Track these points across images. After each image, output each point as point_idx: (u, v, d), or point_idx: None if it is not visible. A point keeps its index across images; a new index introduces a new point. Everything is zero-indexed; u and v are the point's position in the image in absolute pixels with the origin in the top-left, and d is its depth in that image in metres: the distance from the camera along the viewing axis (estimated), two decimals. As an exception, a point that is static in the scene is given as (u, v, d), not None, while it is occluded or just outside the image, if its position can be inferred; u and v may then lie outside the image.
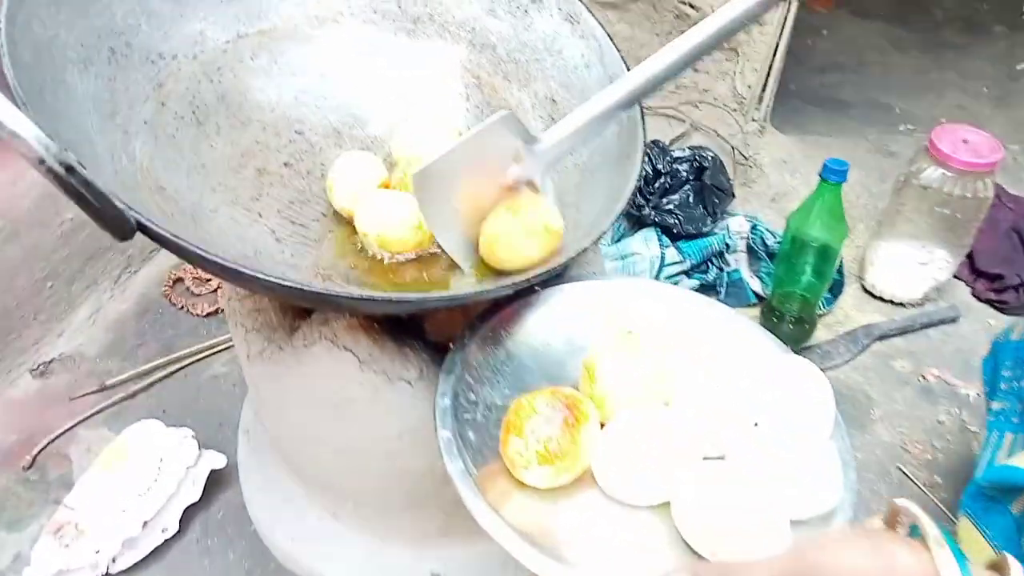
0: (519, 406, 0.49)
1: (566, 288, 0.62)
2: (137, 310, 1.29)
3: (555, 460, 0.48)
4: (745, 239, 1.35)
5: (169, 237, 0.41)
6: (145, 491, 0.96)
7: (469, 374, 0.56)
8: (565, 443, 0.48)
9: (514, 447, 0.48)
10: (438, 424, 0.51)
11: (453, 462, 0.48)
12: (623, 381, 0.52)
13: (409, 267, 0.64)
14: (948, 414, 1.15)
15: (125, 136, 0.55)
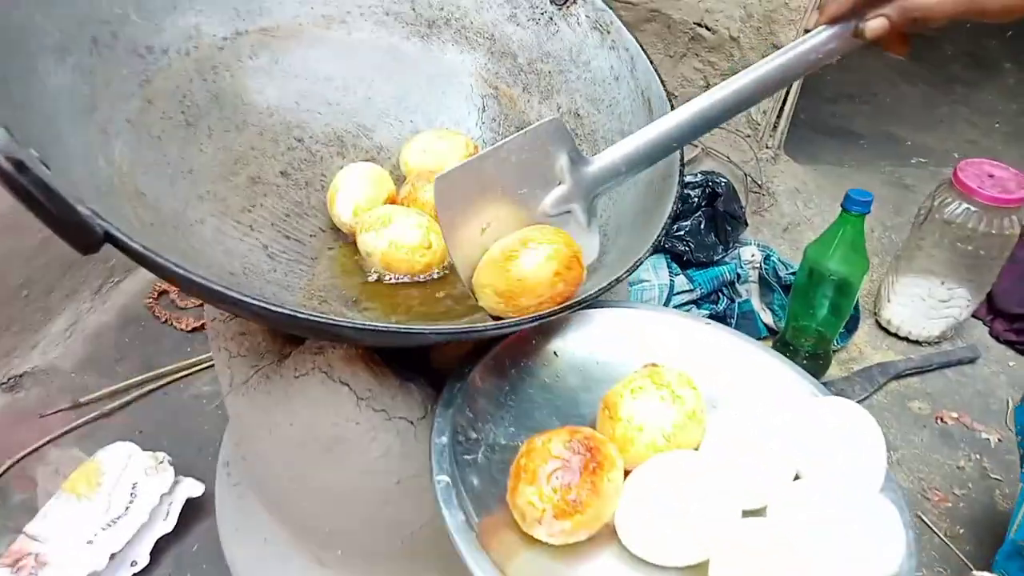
0: (532, 448, 0.43)
1: (580, 315, 0.56)
2: (118, 323, 1.23)
3: (574, 513, 0.41)
4: (757, 269, 1.31)
5: (141, 250, 0.35)
6: (115, 520, 0.89)
7: (470, 409, 0.50)
8: (586, 493, 0.42)
9: (525, 496, 0.42)
10: (434, 467, 0.45)
11: (452, 513, 0.42)
12: (649, 421, 0.46)
13: (415, 291, 0.58)
14: (968, 460, 1.10)
15: (103, 136, 0.49)
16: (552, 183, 0.50)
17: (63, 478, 0.95)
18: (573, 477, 0.41)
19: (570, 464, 0.42)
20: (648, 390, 0.47)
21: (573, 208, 0.51)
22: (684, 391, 0.47)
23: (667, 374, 0.48)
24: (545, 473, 0.41)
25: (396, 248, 0.56)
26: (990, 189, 1.08)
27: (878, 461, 0.45)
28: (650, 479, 0.44)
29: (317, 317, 0.37)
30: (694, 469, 0.44)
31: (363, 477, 0.54)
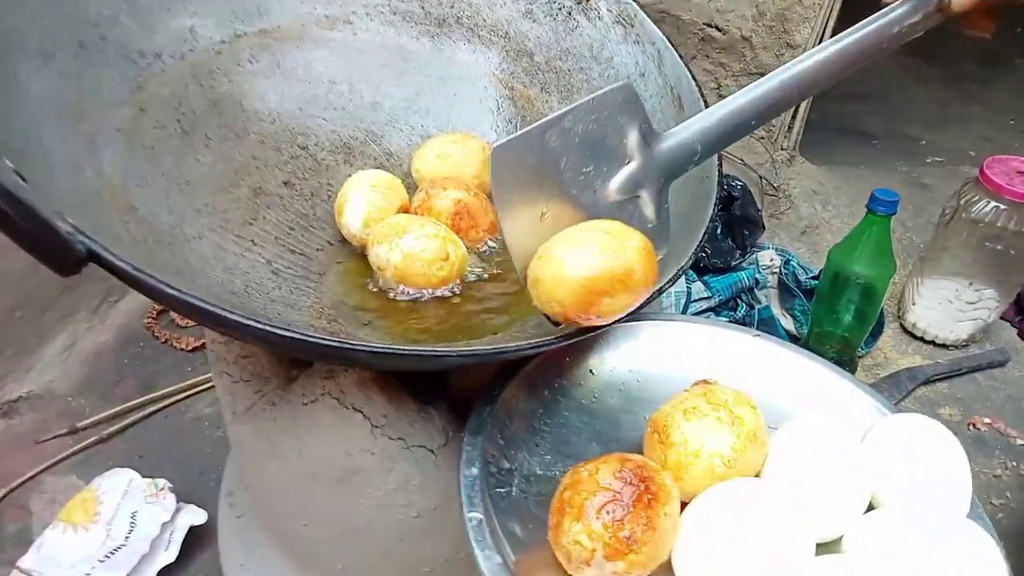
0: (577, 480, 0.38)
1: (614, 330, 0.52)
2: (116, 343, 1.19)
3: (628, 553, 0.37)
4: (776, 274, 1.27)
5: (130, 270, 0.31)
6: (114, 551, 0.85)
7: (501, 435, 0.45)
8: (640, 529, 0.37)
9: (571, 535, 0.37)
10: (464, 502, 0.40)
11: (485, 554, 0.37)
12: (706, 445, 0.41)
13: (431, 308, 0.53)
14: (1005, 468, 1.06)
15: (91, 146, 0.45)
16: (620, 161, 0.44)
17: (59, 507, 0.92)
18: (626, 512, 0.37)
19: (622, 497, 0.37)
20: (703, 410, 0.42)
21: (642, 193, 0.46)
22: (743, 411, 0.43)
23: (722, 393, 0.44)
24: (594, 508, 0.37)
25: (411, 261, 0.52)
26: (1019, 186, 1.04)
27: (963, 482, 0.41)
28: (711, 511, 0.39)
29: (329, 340, 0.33)
30: (759, 499, 0.39)
31: (379, 510, 0.49)
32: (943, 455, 0.41)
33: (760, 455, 0.43)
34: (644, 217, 0.47)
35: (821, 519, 0.40)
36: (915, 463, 0.41)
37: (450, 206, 0.56)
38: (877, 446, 0.43)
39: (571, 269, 0.41)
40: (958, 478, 0.41)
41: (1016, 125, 1.88)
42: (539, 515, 0.41)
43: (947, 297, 1.18)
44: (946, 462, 0.41)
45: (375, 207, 0.55)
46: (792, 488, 0.41)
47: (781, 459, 0.42)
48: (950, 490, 0.40)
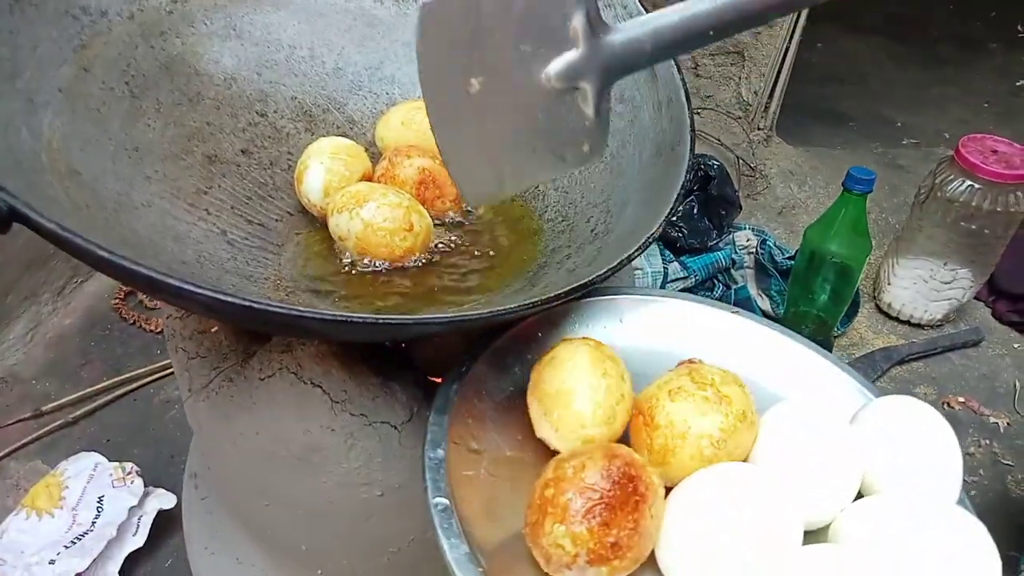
0: (561, 476, 0.36)
1: (587, 304, 0.50)
2: (83, 325, 1.17)
3: (613, 559, 0.34)
4: (753, 254, 1.27)
5: (56, 230, 0.28)
6: (80, 537, 0.83)
7: (469, 414, 0.43)
8: (627, 534, 0.34)
9: (553, 537, 0.34)
10: (429, 486, 0.37)
11: (451, 542, 0.35)
12: (693, 427, 0.39)
13: (394, 279, 0.51)
14: (978, 446, 1.07)
15: (29, 105, 0.43)
16: (562, 45, 0.40)
17: (23, 493, 0.89)
18: (613, 515, 0.34)
19: (609, 498, 0.34)
20: (689, 390, 0.40)
21: (583, 86, 0.41)
22: (730, 389, 0.40)
23: (708, 372, 0.41)
24: (579, 509, 0.34)
25: (373, 231, 0.50)
26: (994, 165, 1.04)
27: (954, 468, 0.39)
28: (698, 499, 0.37)
29: (277, 307, 0.31)
30: (748, 484, 0.37)
31: (341, 489, 0.48)
32: (934, 440, 0.40)
33: (750, 436, 0.41)
34: (582, 113, 0.43)
35: (811, 505, 0.38)
36: (906, 449, 0.40)
37: (414, 174, 0.54)
38: (867, 430, 0.41)
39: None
40: (949, 464, 0.40)
41: (991, 108, 1.89)
42: (510, 501, 0.39)
43: (922, 277, 1.18)
44: (937, 448, 0.40)
45: (336, 175, 0.53)
46: (782, 473, 0.39)
47: (770, 443, 0.41)
48: (941, 477, 0.39)
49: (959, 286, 1.17)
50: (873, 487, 0.40)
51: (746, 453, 0.41)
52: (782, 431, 0.41)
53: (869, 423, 0.41)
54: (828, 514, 0.39)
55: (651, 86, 0.54)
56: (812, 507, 0.38)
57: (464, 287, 0.50)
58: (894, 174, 1.54)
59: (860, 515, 0.38)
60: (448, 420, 0.41)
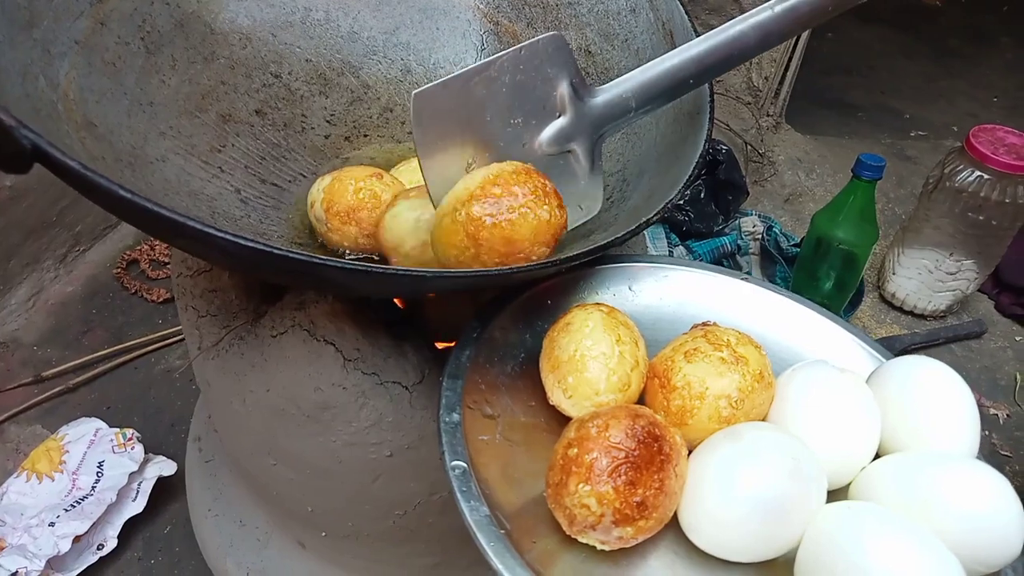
0: (585, 436, 0.35)
1: (600, 272, 0.50)
2: (84, 293, 1.16)
3: (639, 519, 0.34)
4: (759, 240, 1.26)
5: (79, 169, 0.28)
6: (79, 501, 0.84)
7: (483, 380, 0.42)
8: (652, 494, 0.34)
9: (578, 497, 0.33)
10: (446, 450, 0.37)
11: (471, 505, 0.34)
12: (711, 387, 0.39)
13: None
14: (977, 437, 1.07)
15: (46, 55, 0.42)
16: (551, 114, 0.43)
17: (23, 456, 0.89)
18: (639, 474, 0.33)
19: (636, 457, 0.33)
20: (704, 351, 0.39)
21: (574, 148, 0.44)
22: (746, 350, 0.40)
23: (724, 333, 0.41)
24: (604, 468, 0.33)
25: None
26: (1004, 156, 1.04)
27: (971, 422, 0.39)
28: (719, 461, 0.37)
29: (297, 255, 0.31)
30: (768, 445, 0.36)
31: (350, 449, 0.48)
32: (951, 396, 0.39)
33: (767, 396, 0.40)
34: (575, 173, 0.45)
35: (830, 464, 0.38)
36: (923, 406, 0.39)
37: None
38: (884, 389, 0.41)
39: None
40: (967, 419, 0.39)
41: (1000, 102, 1.89)
42: (527, 465, 0.38)
43: (927, 268, 1.18)
44: (954, 403, 0.39)
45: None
46: (801, 433, 0.38)
47: (788, 403, 0.40)
48: (960, 431, 0.38)
49: (964, 277, 1.17)
50: (892, 445, 0.40)
51: (764, 413, 0.41)
52: (800, 391, 0.40)
53: (885, 382, 0.41)
54: (848, 473, 0.39)
55: (669, 57, 0.54)
56: (832, 466, 0.38)
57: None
58: (902, 165, 1.53)
59: (880, 472, 0.38)
60: (462, 385, 0.40)
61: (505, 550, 0.32)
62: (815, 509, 0.36)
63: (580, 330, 0.41)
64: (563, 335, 0.42)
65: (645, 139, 0.53)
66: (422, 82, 0.64)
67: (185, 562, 0.83)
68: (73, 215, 1.15)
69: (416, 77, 0.63)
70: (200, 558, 0.80)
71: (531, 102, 0.42)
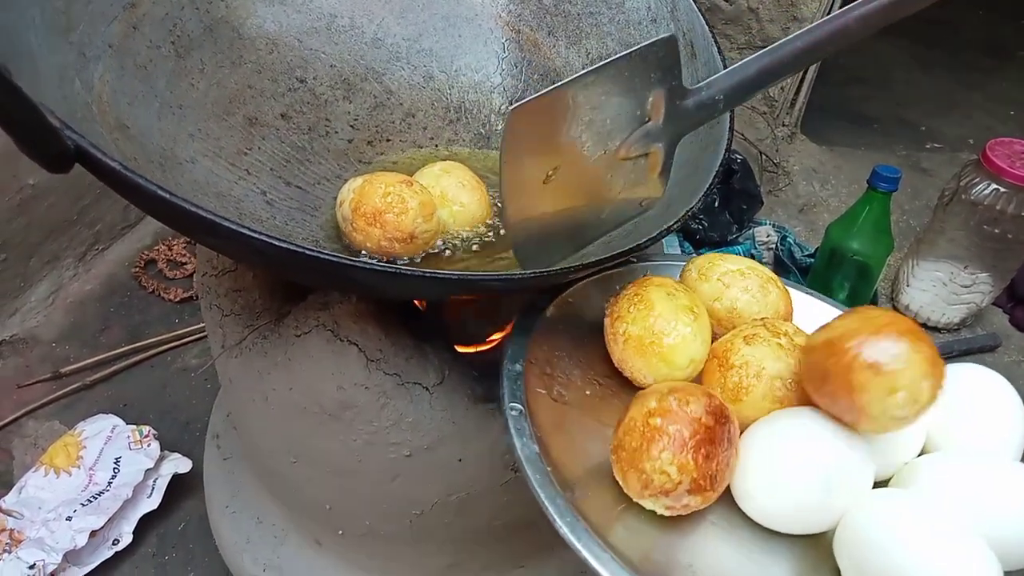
0: (667, 408, 0.36)
1: (661, 266, 0.51)
2: (103, 292, 1.18)
3: (708, 490, 0.36)
4: (772, 250, 1.26)
5: (120, 169, 0.29)
6: (96, 496, 0.85)
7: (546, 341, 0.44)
8: (723, 468, 0.36)
9: (660, 462, 0.35)
10: (506, 394, 0.39)
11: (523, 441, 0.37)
12: (767, 367, 0.40)
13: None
14: (989, 451, 1.06)
15: (82, 59, 0.43)
16: (640, 119, 0.42)
17: (41, 451, 0.90)
18: (714, 448, 0.35)
19: (712, 433, 0.36)
20: (764, 337, 0.41)
21: (656, 148, 0.43)
22: (803, 340, 0.41)
23: (782, 325, 0.42)
24: (689, 441, 0.35)
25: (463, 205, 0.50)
26: (1020, 169, 1.04)
27: (1017, 426, 0.40)
28: (775, 435, 0.38)
29: (328, 255, 0.32)
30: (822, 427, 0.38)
31: (370, 448, 0.48)
32: (999, 401, 0.40)
33: None
34: (646, 172, 0.45)
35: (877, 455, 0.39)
36: (970, 408, 0.40)
37: None
38: None
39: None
40: (1013, 423, 0.40)
41: (1017, 116, 1.88)
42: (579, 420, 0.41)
43: (941, 280, 1.18)
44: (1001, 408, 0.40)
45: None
46: None
47: None
48: (1005, 435, 0.39)
49: (978, 291, 1.17)
50: (937, 443, 0.41)
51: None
52: None
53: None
54: (893, 464, 0.40)
55: (690, 66, 0.55)
56: (878, 456, 0.39)
57: (498, 256, 0.51)
58: (917, 177, 1.53)
59: (925, 466, 0.38)
60: (527, 341, 0.43)
61: (550, 485, 0.35)
62: (861, 492, 0.37)
63: (660, 302, 0.42)
64: (640, 305, 0.43)
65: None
66: (443, 89, 0.65)
67: (199, 559, 0.84)
68: (93, 214, 1.17)
69: (438, 83, 0.64)
70: (213, 555, 0.81)
71: (626, 107, 0.42)
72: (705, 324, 0.43)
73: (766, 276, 0.46)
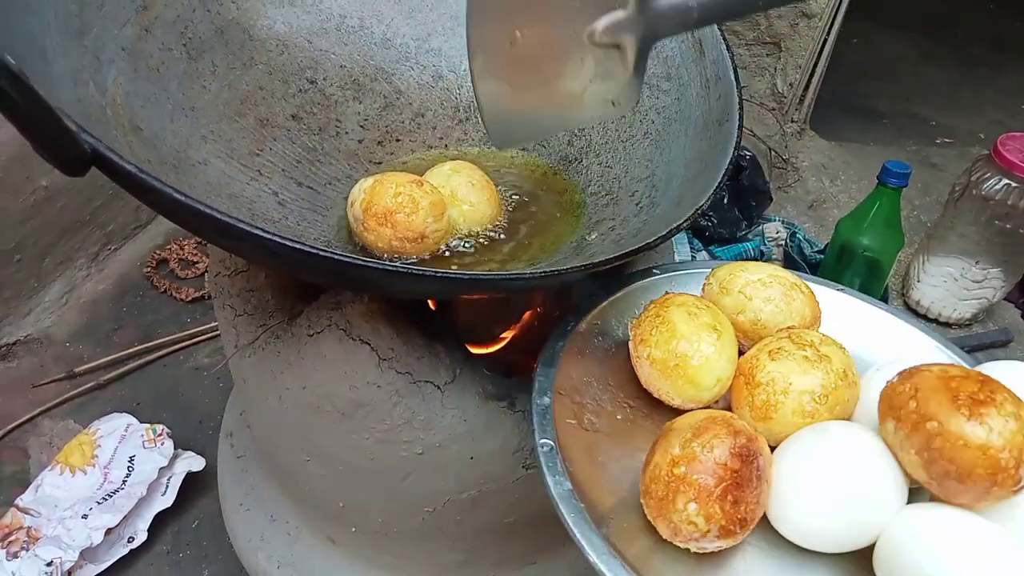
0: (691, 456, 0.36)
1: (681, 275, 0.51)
2: (115, 292, 1.19)
3: (739, 531, 0.35)
4: (782, 246, 1.26)
5: (136, 172, 0.29)
6: (111, 494, 0.85)
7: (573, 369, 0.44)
8: (753, 508, 0.35)
9: (686, 514, 0.35)
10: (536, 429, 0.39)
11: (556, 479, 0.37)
12: (795, 383, 0.40)
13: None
14: (1002, 447, 1.05)
15: (95, 61, 0.44)
16: (610, 4, 0.41)
17: (56, 450, 0.92)
18: (742, 492, 0.35)
19: (738, 477, 0.35)
20: (788, 351, 0.40)
21: (624, 41, 0.42)
22: (830, 350, 0.41)
23: (807, 335, 0.42)
24: (712, 489, 0.35)
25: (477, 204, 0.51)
26: (1032, 164, 1.03)
27: None
28: (808, 453, 0.38)
29: (342, 256, 0.32)
30: (854, 442, 0.37)
31: (382, 446, 0.49)
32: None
33: (851, 395, 0.41)
34: (618, 69, 0.43)
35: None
36: None
37: None
38: None
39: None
40: None
41: (1028, 111, 1.86)
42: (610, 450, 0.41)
43: (952, 276, 1.17)
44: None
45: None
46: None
47: (872, 402, 0.40)
48: None
49: (990, 286, 1.16)
50: None
51: (849, 412, 0.41)
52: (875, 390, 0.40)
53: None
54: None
55: (699, 64, 0.55)
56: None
57: (507, 255, 0.51)
58: (927, 172, 1.52)
59: None
60: (554, 372, 0.43)
61: (584, 522, 0.35)
62: (897, 506, 0.37)
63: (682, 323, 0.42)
64: (663, 327, 0.43)
65: (673, 146, 0.54)
66: (452, 88, 0.65)
67: (213, 556, 0.85)
68: (105, 215, 1.18)
69: (447, 83, 0.64)
70: (227, 552, 0.82)
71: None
72: (730, 340, 0.42)
73: (789, 283, 0.46)
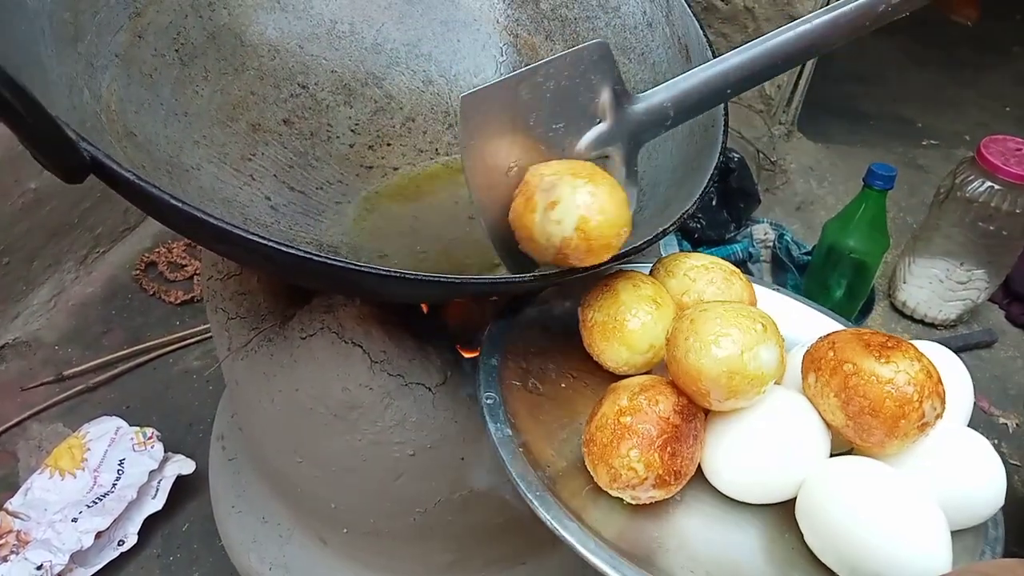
0: (637, 407, 0.38)
1: None
2: (104, 294, 1.18)
3: (674, 483, 0.38)
4: (770, 248, 1.27)
5: (135, 181, 0.30)
6: (101, 498, 0.86)
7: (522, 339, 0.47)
8: (688, 463, 0.38)
9: (628, 459, 0.37)
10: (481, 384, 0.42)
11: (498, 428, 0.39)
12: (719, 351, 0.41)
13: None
14: (987, 446, 1.07)
15: (90, 68, 0.44)
16: (591, 120, 0.44)
17: (45, 454, 0.91)
18: (679, 445, 0.38)
19: (678, 431, 0.38)
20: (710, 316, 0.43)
21: (611, 153, 0.45)
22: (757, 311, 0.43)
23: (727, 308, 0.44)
24: (656, 440, 0.37)
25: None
26: (1015, 166, 1.05)
27: (964, 394, 0.42)
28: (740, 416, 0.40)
29: (335, 261, 0.33)
30: (780, 402, 0.40)
31: (374, 448, 0.49)
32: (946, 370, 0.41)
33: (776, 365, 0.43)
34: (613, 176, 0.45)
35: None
36: None
37: None
38: None
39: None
40: (960, 392, 0.42)
41: (1012, 112, 1.89)
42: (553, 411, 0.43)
43: (938, 277, 1.19)
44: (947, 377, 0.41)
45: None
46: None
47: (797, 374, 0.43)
48: (952, 402, 0.41)
49: (974, 287, 1.18)
50: None
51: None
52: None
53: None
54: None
55: (685, 70, 0.55)
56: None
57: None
58: (913, 174, 1.54)
59: None
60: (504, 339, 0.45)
61: (523, 463, 0.37)
62: (819, 459, 0.40)
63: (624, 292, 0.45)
64: (608, 295, 0.45)
65: (660, 151, 0.55)
66: (443, 93, 0.65)
67: (203, 559, 0.85)
68: (93, 218, 1.18)
69: (437, 88, 0.65)
70: (217, 555, 0.82)
71: (574, 107, 0.43)
72: (667, 314, 0.45)
73: (729, 270, 0.49)
